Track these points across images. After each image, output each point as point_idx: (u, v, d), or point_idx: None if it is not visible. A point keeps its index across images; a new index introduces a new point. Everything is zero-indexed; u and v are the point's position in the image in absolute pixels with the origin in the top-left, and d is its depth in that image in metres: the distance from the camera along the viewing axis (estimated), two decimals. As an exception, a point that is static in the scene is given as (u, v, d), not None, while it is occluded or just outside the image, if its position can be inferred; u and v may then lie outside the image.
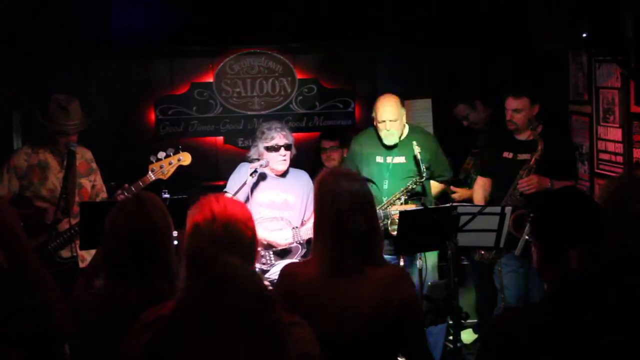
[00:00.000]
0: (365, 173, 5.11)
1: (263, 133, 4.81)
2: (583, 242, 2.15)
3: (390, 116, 4.88)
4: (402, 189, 4.85)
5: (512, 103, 4.78)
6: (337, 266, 2.65)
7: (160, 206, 2.61)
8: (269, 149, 4.77)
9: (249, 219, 2.28)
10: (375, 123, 5.04)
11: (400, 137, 4.96)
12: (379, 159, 5.03)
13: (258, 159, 4.81)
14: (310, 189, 4.94)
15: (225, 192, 4.89)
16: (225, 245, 2.16)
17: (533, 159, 4.68)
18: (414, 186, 4.84)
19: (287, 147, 4.79)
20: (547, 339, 2.04)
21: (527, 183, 4.65)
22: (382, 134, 4.93)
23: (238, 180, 4.82)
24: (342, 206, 2.67)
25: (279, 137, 4.77)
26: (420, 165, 4.80)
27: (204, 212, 2.21)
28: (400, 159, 4.96)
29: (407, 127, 5.04)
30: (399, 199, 4.86)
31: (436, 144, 5.10)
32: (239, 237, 2.20)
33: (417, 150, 4.80)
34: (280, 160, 4.77)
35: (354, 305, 2.63)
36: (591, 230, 2.16)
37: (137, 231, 2.50)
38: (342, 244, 2.66)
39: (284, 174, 4.90)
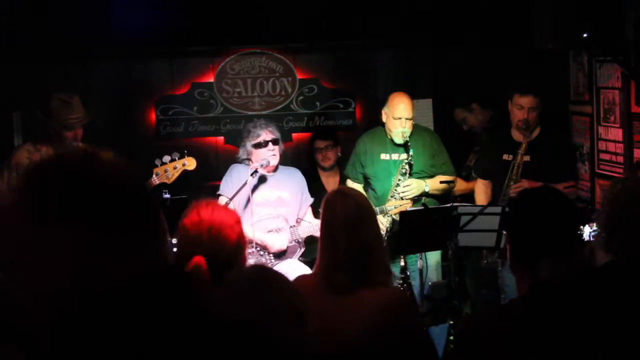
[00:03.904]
0: (370, 171, 5.15)
1: (249, 132, 4.84)
2: (554, 242, 2.14)
3: (407, 114, 4.96)
4: (396, 173, 4.95)
5: (530, 101, 4.74)
6: (329, 283, 2.68)
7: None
8: (257, 146, 4.78)
9: (236, 223, 2.31)
10: (385, 119, 5.06)
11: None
12: (385, 157, 5.10)
13: (248, 159, 4.83)
14: (304, 185, 4.97)
15: (220, 194, 4.88)
16: (208, 249, 2.20)
17: (519, 157, 4.68)
18: (405, 167, 4.92)
19: (275, 141, 4.81)
20: (518, 340, 2.04)
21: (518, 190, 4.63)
22: (396, 131, 4.97)
23: (231, 183, 4.82)
24: (336, 225, 2.71)
25: (265, 133, 4.79)
26: (406, 146, 4.93)
27: (192, 215, 2.27)
28: (406, 156, 5.00)
29: None
30: (398, 184, 4.94)
31: (438, 142, 5.19)
32: (223, 241, 2.24)
33: (401, 131, 4.94)
34: (270, 155, 4.78)
35: (351, 324, 2.62)
36: (563, 230, 2.16)
37: None
38: (335, 261, 2.69)
39: (275, 170, 4.91)
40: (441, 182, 5.03)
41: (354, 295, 2.66)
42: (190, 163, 4.59)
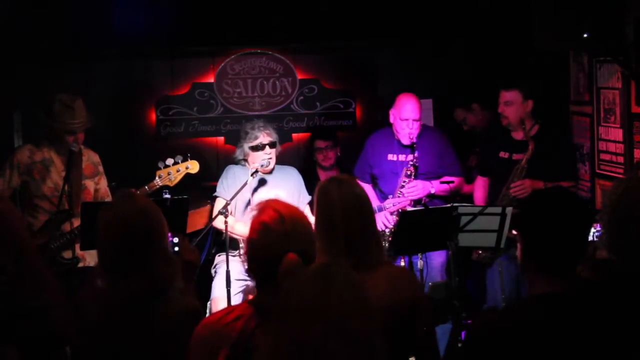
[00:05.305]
0: (377, 171, 5.15)
1: (247, 133, 4.83)
2: (566, 241, 2.14)
3: (414, 115, 4.96)
4: (402, 176, 4.94)
5: (503, 95, 4.78)
6: None
7: (151, 204, 2.63)
8: (254, 148, 4.78)
9: (307, 216, 2.41)
10: (392, 119, 5.06)
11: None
12: (392, 157, 5.10)
13: (245, 160, 4.83)
14: (300, 184, 4.97)
15: (216, 196, 4.88)
16: (297, 243, 2.27)
17: (524, 160, 4.68)
18: (410, 170, 4.92)
19: (272, 144, 4.81)
20: (531, 338, 2.04)
21: (519, 187, 4.63)
22: (403, 132, 4.97)
23: (227, 184, 4.82)
24: (334, 212, 2.73)
25: (263, 136, 4.79)
26: (412, 147, 4.92)
27: (269, 212, 2.32)
28: (411, 157, 5.00)
29: None
30: (402, 186, 4.94)
31: (446, 143, 5.20)
32: (307, 232, 2.33)
33: (407, 130, 4.93)
34: (266, 158, 4.78)
35: None
36: (575, 230, 2.16)
37: (131, 225, 2.50)
38: (335, 248, 2.70)
39: (271, 172, 4.91)
40: (441, 182, 5.04)
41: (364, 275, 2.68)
42: (194, 166, 4.59)
